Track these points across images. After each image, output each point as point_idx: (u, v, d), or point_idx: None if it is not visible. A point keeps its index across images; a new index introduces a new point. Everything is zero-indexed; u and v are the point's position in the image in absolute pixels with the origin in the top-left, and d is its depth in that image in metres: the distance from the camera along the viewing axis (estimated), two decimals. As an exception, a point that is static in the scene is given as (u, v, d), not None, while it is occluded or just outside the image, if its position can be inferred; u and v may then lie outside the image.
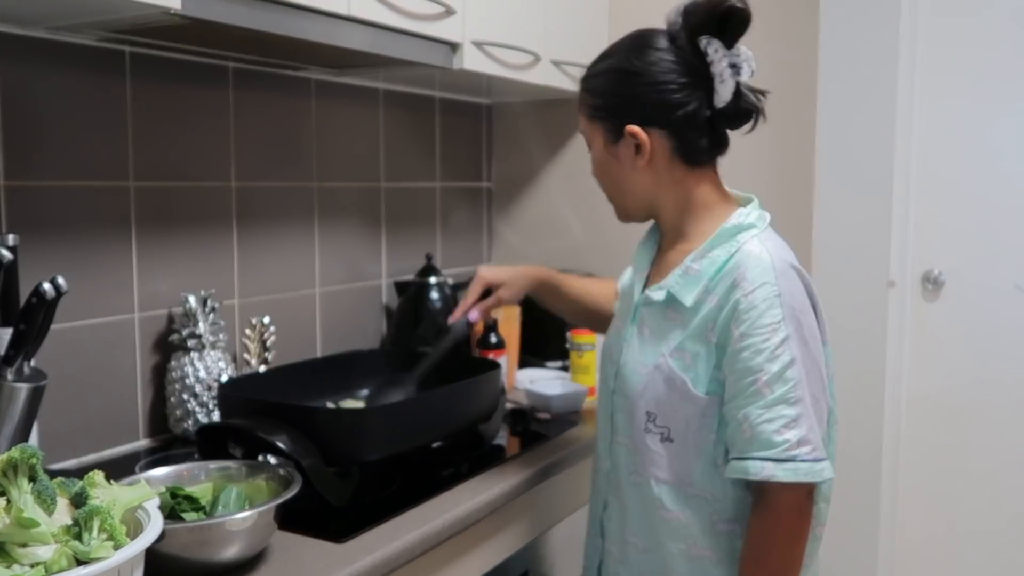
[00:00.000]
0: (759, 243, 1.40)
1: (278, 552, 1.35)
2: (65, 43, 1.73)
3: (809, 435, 1.32)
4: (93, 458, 1.80)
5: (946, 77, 3.07)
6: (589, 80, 1.51)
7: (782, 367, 1.32)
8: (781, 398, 1.32)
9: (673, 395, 1.42)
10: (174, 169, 1.95)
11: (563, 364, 2.51)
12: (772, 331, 1.33)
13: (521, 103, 2.91)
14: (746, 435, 1.33)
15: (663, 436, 1.44)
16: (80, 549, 1.00)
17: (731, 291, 1.36)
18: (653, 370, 1.44)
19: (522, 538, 1.82)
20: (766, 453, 1.31)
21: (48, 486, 1.05)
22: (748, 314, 1.34)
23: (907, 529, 3.25)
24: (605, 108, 1.47)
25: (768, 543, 1.36)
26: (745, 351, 1.34)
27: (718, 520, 1.42)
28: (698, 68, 1.41)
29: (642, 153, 1.44)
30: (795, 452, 1.31)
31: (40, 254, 1.68)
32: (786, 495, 1.33)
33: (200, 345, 1.90)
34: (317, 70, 2.23)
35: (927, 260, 3.15)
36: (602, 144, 1.50)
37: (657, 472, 1.45)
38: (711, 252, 1.42)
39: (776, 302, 1.34)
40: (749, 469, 1.32)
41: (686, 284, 1.42)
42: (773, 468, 1.31)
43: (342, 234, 2.41)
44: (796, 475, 1.31)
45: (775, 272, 1.36)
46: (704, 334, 1.39)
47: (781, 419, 1.31)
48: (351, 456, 1.58)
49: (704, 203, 1.48)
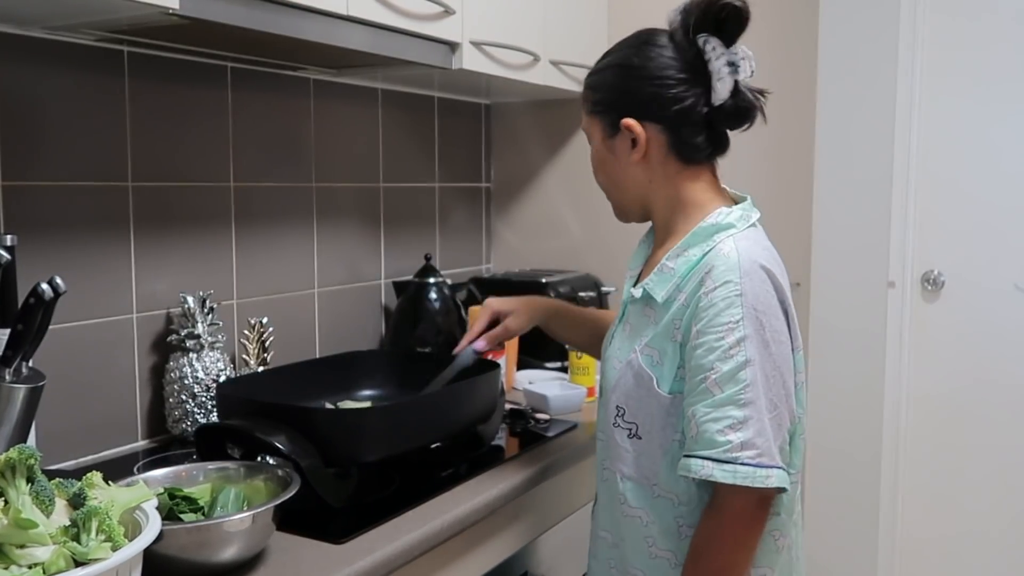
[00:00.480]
0: (732, 242, 1.38)
1: (277, 553, 1.35)
2: (63, 43, 1.72)
3: (756, 439, 1.29)
4: (91, 459, 1.80)
5: (946, 77, 3.07)
6: (590, 77, 1.53)
7: (735, 367, 1.30)
8: (730, 399, 1.30)
9: (640, 391, 1.43)
10: (172, 169, 1.95)
11: (562, 365, 2.51)
12: (728, 330, 1.31)
13: (520, 103, 2.91)
14: (692, 432, 1.33)
15: (631, 432, 1.45)
16: (78, 550, 1.00)
17: (697, 288, 1.36)
18: (625, 365, 1.46)
19: (521, 539, 1.81)
20: (707, 452, 1.30)
21: (46, 487, 1.05)
22: (706, 312, 1.33)
23: (907, 530, 3.25)
24: (603, 103, 1.49)
25: (709, 545, 1.35)
26: (699, 348, 1.33)
27: (684, 524, 1.41)
28: (696, 65, 1.41)
29: (637, 147, 1.45)
30: (737, 455, 1.29)
31: (38, 254, 1.68)
32: (733, 499, 1.32)
33: (198, 345, 1.89)
34: (316, 70, 2.22)
35: (927, 260, 3.15)
36: (600, 139, 1.51)
37: (623, 468, 1.46)
38: (687, 251, 1.42)
39: (736, 301, 1.32)
40: (691, 467, 1.32)
41: (659, 281, 1.43)
42: (712, 468, 1.29)
43: (341, 234, 2.41)
44: (735, 478, 1.28)
45: (740, 271, 1.34)
46: (671, 333, 1.39)
47: (727, 420, 1.29)
48: (350, 457, 1.58)
49: (696, 202, 1.46)
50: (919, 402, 3.19)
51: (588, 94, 1.53)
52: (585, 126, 1.54)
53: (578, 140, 2.76)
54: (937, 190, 3.11)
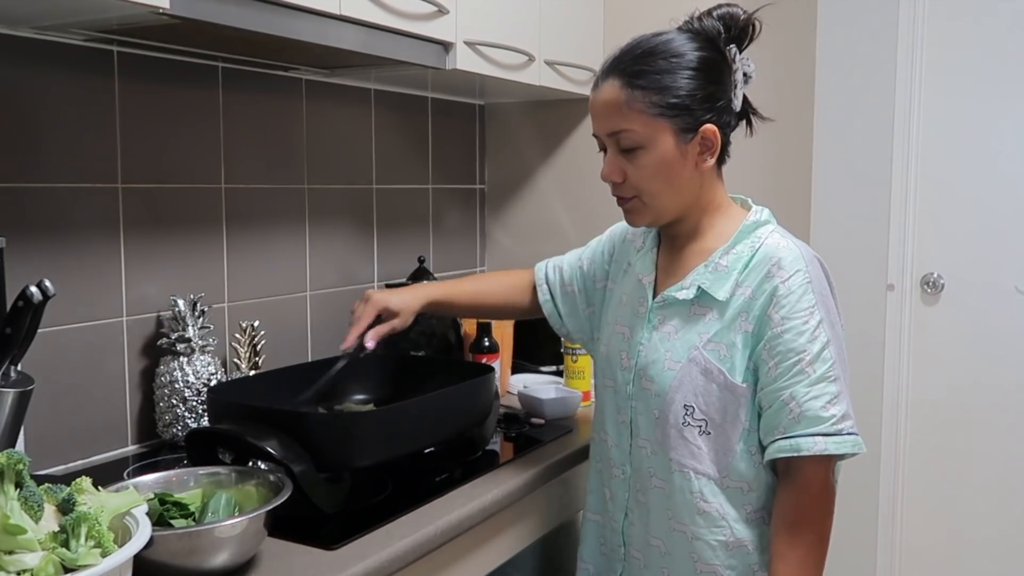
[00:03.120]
0: (780, 236, 1.49)
1: (268, 559, 1.34)
2: (52, 43, 1.71)
3: (849, 410, 1.42)
4: (81, 464, 1.79)
5: (945, 78, 3.07)
6: (648, 76, 1.44)
7: (821, 347, 1.41)
8: (823, 376, 1.40)
9: (711, 386, 1.46)
10: (163, 170, 1.93)
11: (557, 369, 2.50)
12: (809, 314, 1.42)
13: (515, 104, 2.90)
14: (793, 414, 1.40)
15: (701, 428, 1.49)
16: (67, 556, 1.00)
17: (766, 280, 1.44)
18: (687, 364, 1.48)
19: (516, 545, 1.81)
20: (817, 428, 1.39)
21: (35, 492, 1.05)
22: (787, 299, 1.42)
23: (907, 535, 3.25)
24: (680, 106, 1.44)
25: (804, 518, 1.44)
26: (787, 333, 1.41)
27: (752, 509, 1.49)
28: (730, 73, 1.48)
29: (711, 152, 1.48)
30: (841, 426, 1.40)
31: (27, 257, 1.67)
32: (818, 472, 1.42)
33: (189, 349, 1.88)
34: (308, 70, 2.21)
35: (926, 263, 3.15)
36: (672, 143, 1.45)
37: (697, 465, 1.49)
38: (735, 248, 1.49)
39: (809, 288, 1.43)
40: (801, 446, 1.40)
41: (716, 279, 1.48)
42: (824, 442, 1.39)
43: (333, 236, 2.40)
44: (844, 447, 1.40)
45: (804, 261, 1.45)
46: (738, 325, 1.45)
47: (826, 396, 1.40)
48: (342, 462, 1.57)
49: (721, 204, 1.55)
50: (918, 406, 3.19)
51: (647, 95, 1.43)
52: (638, 129, 1.45)
53: (573, 141, 2.76)
54: (936, 192, 3.11)
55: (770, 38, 1.53)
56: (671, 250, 1.58)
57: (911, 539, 3.24)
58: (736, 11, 1.47)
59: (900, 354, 3.19)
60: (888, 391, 3.20)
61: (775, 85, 1.54)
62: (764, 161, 2.72)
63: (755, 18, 1.48)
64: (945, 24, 3.05)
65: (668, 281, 1.54)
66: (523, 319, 2.08)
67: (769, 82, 1.49)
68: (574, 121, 2.75)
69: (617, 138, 1.48)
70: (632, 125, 1.45)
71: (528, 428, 2.08)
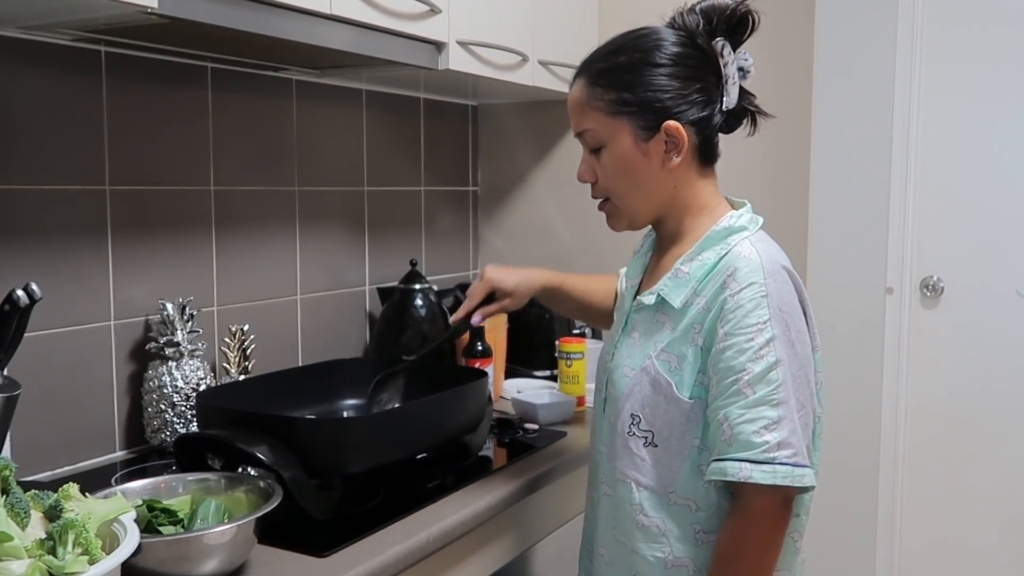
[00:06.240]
0: (749, 244, 1.39)
1: (258, 567, 1.33)
2: (39, 42, 1.70)
3: (791, 439, 1.30)
4: (68, 470, 1.78)
5: (944, 81, 3.07)
6: (609, 74, 1.43)
7: (766, 368, 1.31)
8: (763, 399, 1.30)
9: (658, 398, 1.41)
10: (151, 172, 1.92)
11: (551, 373, 2.49)
12: (757, 331, 1.32)
13: (508, 104, 2.89)
14: (725, 436, 1.32)
15: (647, 440, 1.43)
16: (54, 564, 1.00)
17: (719, 292, 1.36)
18: (639, 372, 1.44)
19: (509, 552, 1.80)
20: (745, 454, 1.30)
21: (21, 499, 1.05)
22: (734, 313, 1.33)
23: (906, 541, 3.24)
24: (636, 103, 1.41)
25: (738, 548, 1.35)
26: (729, 350, 1.33)
27: (700, 530, 1.41)
28: (715, 67, 1.42)
29: (679, 150, 1.41)
30: (774, 454, 1.29)
31: (13, 260, 1.66)
32: (761, 500, 1.32)
33: (178, 353, 1.87)
34: (298, 71, 2.20)
35: (926, 266, 3.14)
36: (630, 142, 1.42)
37: (639, 477, 1.44)
38: (701, 254, 1.41)
39: (763, 302, 1.33)
40: (727, 470, 1.31)
41: (675, 286, 1.42)
42: (751, 469, 1.29)
43: (324, 239, 2.38)
44: (774, 478, 1.29)
45: (764, 272, 1.34)
46: (691, 336, 1.39)
47: (762, 420, 1.30)
48: (333, 468, 1.56)
49: (707, 206, 1.46)
50: (918, 410, 3.19)
51: (606, 93, 1.42)
52: (595, 128, 1.45)
53: (568, 143, 2.74)
54: (936, 194, 3.11)
55: (767, 38, 1.52)
56: (659, 254, 1.53)
57: (910, 544, 3.23)
58: (720, 2, 1.41)
59: (899, 358, 3.18)
60: (887, 395, 3.19)
61: (772, 86, 1.52)
62: (761, 163, 2.72)
63: (750, 10, 1.40)
64: (945, 25, 3.04)
65: (648, 286, 1.50)
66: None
67: (766, 83, 1.48)
68: (568, 122, 2.72)
69: (583, 138, 1.48)
70: (591, 124, 1.45)
71: (521, 434, 2.07)
